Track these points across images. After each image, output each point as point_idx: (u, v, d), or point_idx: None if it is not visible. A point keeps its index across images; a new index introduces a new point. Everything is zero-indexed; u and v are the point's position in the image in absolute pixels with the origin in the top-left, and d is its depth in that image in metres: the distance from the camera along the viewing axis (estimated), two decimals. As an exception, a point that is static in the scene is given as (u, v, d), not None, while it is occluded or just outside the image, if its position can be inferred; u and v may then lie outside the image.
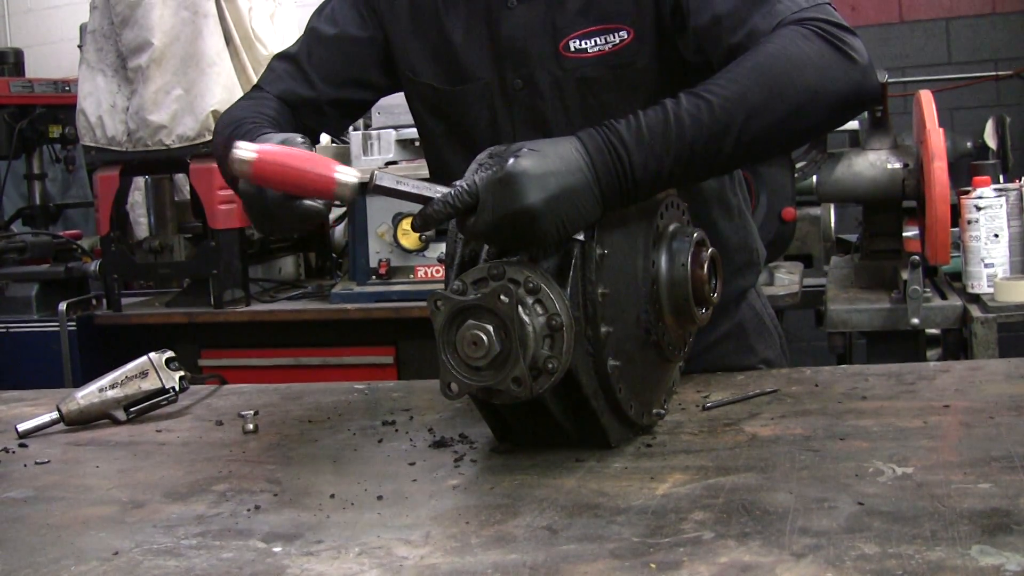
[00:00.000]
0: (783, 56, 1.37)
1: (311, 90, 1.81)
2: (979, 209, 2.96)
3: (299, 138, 1.45)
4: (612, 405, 1.35)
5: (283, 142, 1.41)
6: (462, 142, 1.74)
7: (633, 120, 1.30)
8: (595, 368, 1.31)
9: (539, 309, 1.24)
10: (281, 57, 1.86)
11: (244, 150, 1.30)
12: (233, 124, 1.66)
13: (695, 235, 1.42)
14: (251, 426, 1.61)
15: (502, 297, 1.20)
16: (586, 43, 1.63)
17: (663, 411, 1.46)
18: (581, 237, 1.28)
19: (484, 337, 1.21)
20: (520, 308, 1.22)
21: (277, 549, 1.09)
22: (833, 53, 1.39)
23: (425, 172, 1.84)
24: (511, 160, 1.24)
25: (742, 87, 1.34)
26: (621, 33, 1.61)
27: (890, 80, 3.32)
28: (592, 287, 1.29)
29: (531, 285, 1.24)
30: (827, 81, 1.37)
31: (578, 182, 1.25)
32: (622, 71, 1.63)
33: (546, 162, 1.24)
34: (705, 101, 1.32)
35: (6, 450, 1.59)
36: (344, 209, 4.04)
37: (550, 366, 1.23)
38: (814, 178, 3.40)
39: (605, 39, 1.62)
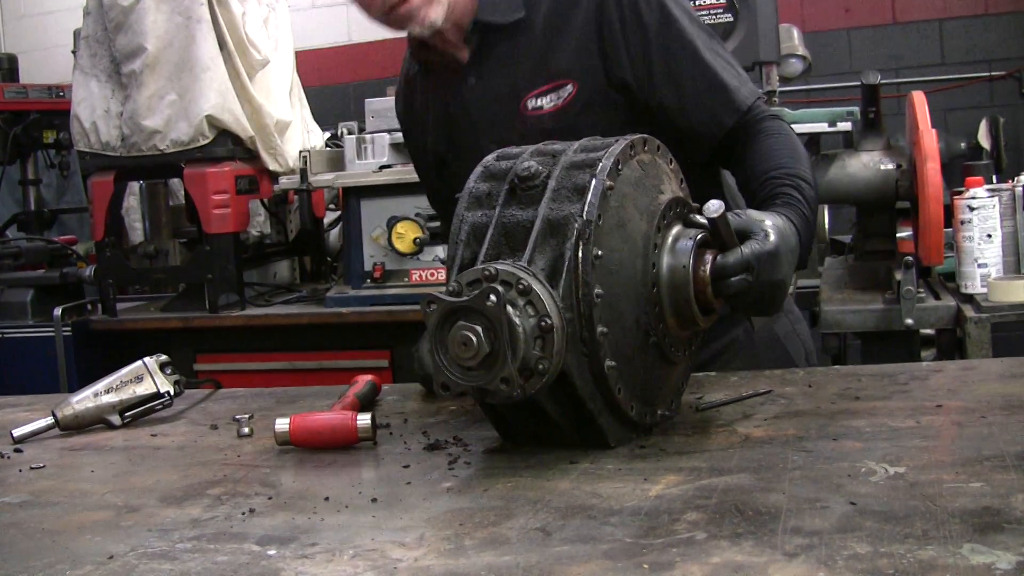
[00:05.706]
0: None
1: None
2: (972, 209, 2.96)
3: None
4: (611, 406, 1.35)
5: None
6: None
7: (806, 189, 1.65)
8: (591, 369, 1.32)
9: (530, 311, 1.24)
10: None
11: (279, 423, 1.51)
12: None
13: (699, 237, 1.42)
14: (246, 430, 1.62)
15: (490, 298, 1.21)
16: (542, 100, 1.79)
17: (669, 412, 1.46)
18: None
19: (473, 338, 1.22)
20: (511, 309, 1.22)
21: (272, 552, 1.09)
22: None
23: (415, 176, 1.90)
24: (774, 237, 1.45)
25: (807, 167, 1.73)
26: (567, 88, 1.78)
27: (883, 81, 3.31)
28: (587, 288, 1.29)
29: (522, 286, 1.24)
30: None
31: (795, 258, 1.52)
32: (573, 120, 1.76)
33: (789, 241, 1.49)
34: (809, 184, 1.68)
35: (1, 455, 1.59)
36: (339, 214, 4.04)
37: (540, 367, 1.24)
38: (808, 179, 3.39)
39: (557, 95, 1.78)
